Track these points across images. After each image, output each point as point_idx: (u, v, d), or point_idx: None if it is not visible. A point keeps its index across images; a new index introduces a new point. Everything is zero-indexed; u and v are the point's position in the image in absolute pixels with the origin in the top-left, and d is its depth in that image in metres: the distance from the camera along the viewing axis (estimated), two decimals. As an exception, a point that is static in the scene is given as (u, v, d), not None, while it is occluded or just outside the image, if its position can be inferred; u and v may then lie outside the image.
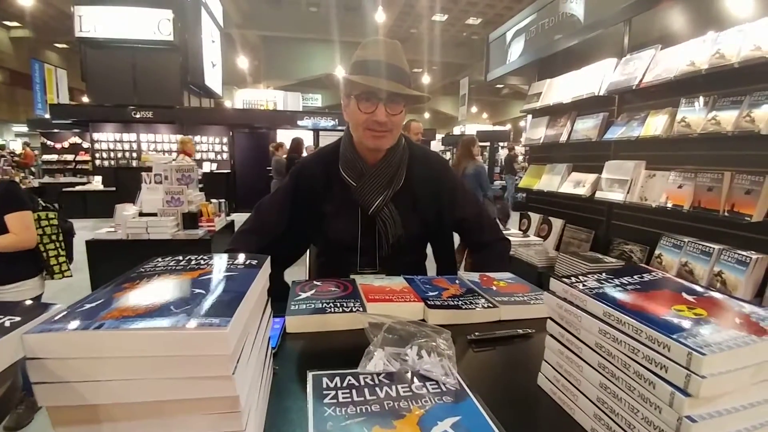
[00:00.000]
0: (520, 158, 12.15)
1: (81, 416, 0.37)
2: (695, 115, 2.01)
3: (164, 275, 0.49)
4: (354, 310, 0.81)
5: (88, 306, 0.40)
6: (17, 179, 9.46)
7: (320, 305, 0.83)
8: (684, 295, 0.53)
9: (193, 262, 0.54)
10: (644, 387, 0.44)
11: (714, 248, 1.97)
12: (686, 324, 0.44)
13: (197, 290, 0.44)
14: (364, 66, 1.06)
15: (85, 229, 7.08)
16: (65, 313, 0.38)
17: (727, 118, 1.85)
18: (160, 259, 0.56)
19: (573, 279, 0.58)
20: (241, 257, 0.56)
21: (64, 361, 0.35)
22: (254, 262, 0.55)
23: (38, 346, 0.35)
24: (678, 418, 0.40)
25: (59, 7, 12.92)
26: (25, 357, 0.35)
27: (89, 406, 0.37)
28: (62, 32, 14.40)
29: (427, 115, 25.37)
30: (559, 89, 3.01)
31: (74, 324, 0.36)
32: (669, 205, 2.10)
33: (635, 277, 0.59)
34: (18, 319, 0.38)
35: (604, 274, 0.59)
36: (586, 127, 2.77)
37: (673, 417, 0.41)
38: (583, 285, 0.55)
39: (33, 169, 12.36)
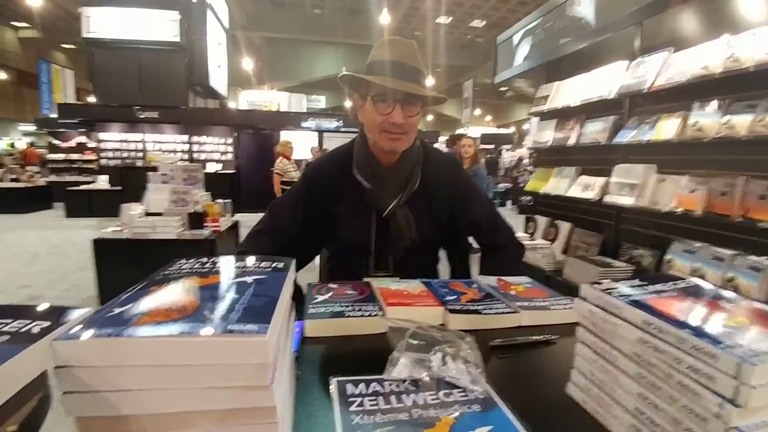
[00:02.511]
0: (526, 161, 12.19)
1: (111, 428, 0.36)
2: (708, 119, 1.99)
3: (191, 278, 0.48)
4: (374, 314, 0.80)
5: (117, 310, 0.38)
6: (24, 177, 9.51)
7: (339, 309, 0.82)
8: (722, 303, 0.51)
9: (218, 265, 0.53)
10: (688, 398, 0.42)
11: (727, 254, 1.95)
12: (731, 333, 0.43)
13: (228, 294, 0.42)
14: (380, 66, 1.05)
15: (90, 228, 7.12)
16: (95, 317, 0.37)
17: (742, 123, 1.83)
18: (183, 261, 0.55)
19: (605, 285, 0.56)
20: (267, 260, 0.55)
21: (96, 370, 0.34)
22: (281, 265, 0.54)
23: (68, 353, 0.33)
24: (726, 429, 0.39)
25: (67, 8, 13.02)
26: (55, 365, 0.34)
27: (120, 417, 0.35)
28: (70, 33, 14.50)
29: (430, 117, 25.39)
30: (568, 92, 2.99)
31: (107, 330, 0.34)
32: (680, 209, 2.08)
33: (669, 284, 0.57)
34: (46, 324, 0.37)
35: (636, 280, 0.58)
36: (595, 130, 2.76)
37: (720, 428, 0.39)
38: (618, 291, 0.54)
39: (38, 168, 12.43)
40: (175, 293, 0.43)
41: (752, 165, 1.90)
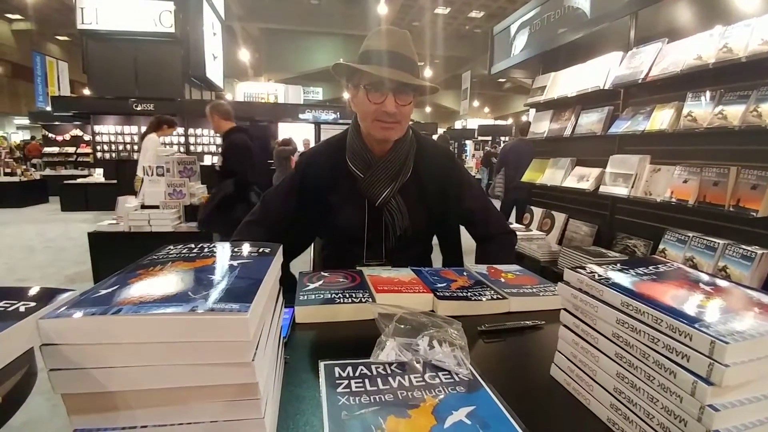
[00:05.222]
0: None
1: (97, 404, 0.37)
2: (702, 110, 1.99)
3: (178, 262, 0.48)
4: (363, 300, 0.81)
5: (103, 291, 0.39)
6: (19, 171, 9.46)
7: (329, 296, 0.83)
8: (701, 285, 0.52)
9: (206, 250, 0.53)
10: (664, 376, 0.43)
11: (719, 243, 1.96)
12: (706, 313, 0.44)
13: (213, 277, 0.43)
14: (373, 55, 1.05)
15: (86, 222, 7.10)
16: (81, 298, 0.38)
17: (734, 113, 1.84)
18: (171, 247, 0.56)
19: (587, 269, 0.57)
20: (254, 245, 0.56)
21: (81, 347, 0.35)
22: (267, 250, 0.54)
23: (55, 331, 0.34)
24: (700, 407, 0.40)
25: (61, -1, 12.85)
26: (42, 343, 0.34)
27: (106, 393, 0.36)
28: (64, 24, 14.33)
29: (428, 109, 25.30)
30: (564, 83, 2.98)
31: (92, 309, 0.35)
32: (673, 199, 2.09)
33: (650, 267, 0.58)
34: (33, 304, 0.37)
35: (618, 264, 0.59)
36: (590, 121, 2.76)
37: (694, 406, 0.40)
38: (599, 275, 0.55)
39: (34, 161, 12.35)
40: (161, 276, 0.44)
41: (744, 155, 1.91)
